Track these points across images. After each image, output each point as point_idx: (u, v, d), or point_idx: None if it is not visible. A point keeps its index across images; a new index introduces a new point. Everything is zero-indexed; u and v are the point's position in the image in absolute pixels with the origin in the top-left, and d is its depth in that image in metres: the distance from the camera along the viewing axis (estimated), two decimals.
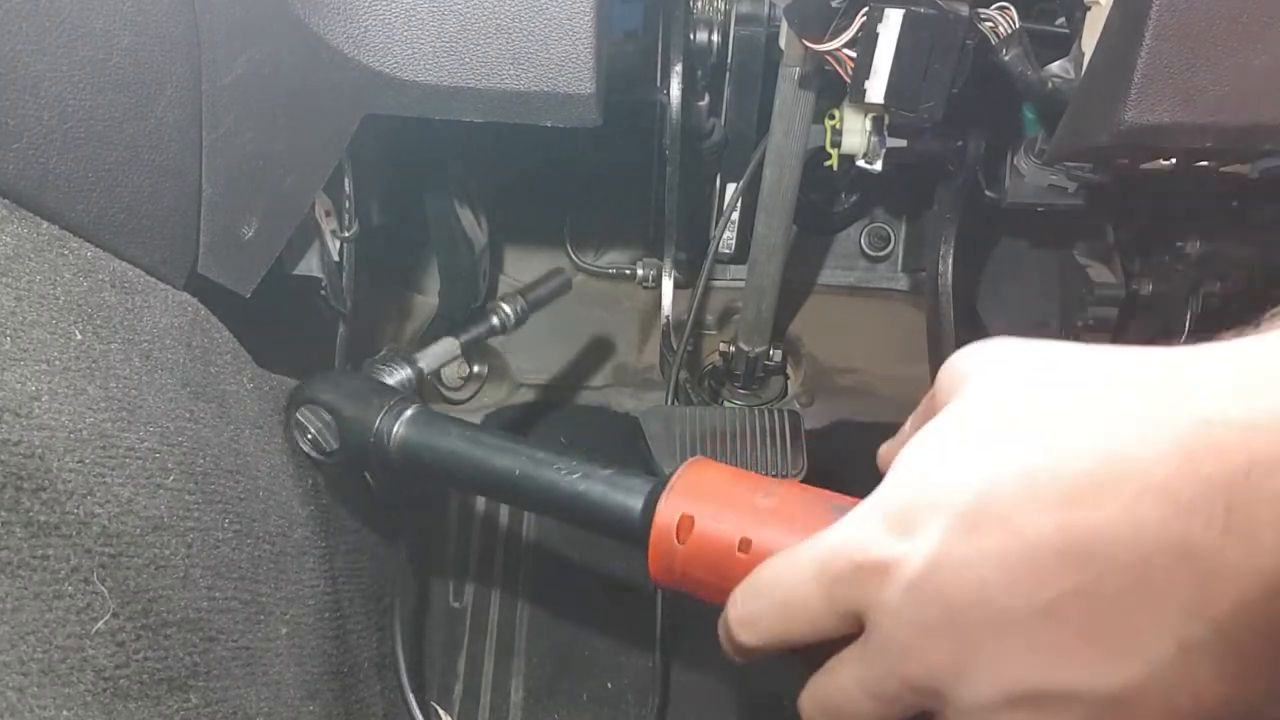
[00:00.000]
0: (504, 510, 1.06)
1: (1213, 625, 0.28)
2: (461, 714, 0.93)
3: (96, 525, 0.46)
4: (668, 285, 1.09)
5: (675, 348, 1.03)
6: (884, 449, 0.43)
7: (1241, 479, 0.28)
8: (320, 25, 0.63)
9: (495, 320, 0.88)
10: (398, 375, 0.73)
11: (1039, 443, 0.32)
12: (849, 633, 0.36)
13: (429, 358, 0.79)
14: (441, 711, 0.89)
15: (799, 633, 0.37)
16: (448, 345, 0.82)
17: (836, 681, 0.36)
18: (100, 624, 0.45)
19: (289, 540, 0.64)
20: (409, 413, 0.62)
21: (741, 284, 1.09)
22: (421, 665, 0.93)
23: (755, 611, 0.39)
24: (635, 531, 0.51)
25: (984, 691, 0.32)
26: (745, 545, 0.44)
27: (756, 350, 1.07)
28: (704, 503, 0.47)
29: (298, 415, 0.65)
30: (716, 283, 1.20)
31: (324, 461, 0.67)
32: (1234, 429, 0.28)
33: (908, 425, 0.41)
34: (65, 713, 0.42)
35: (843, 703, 0.36)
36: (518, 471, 0.56)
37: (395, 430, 0.61)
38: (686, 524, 0.46)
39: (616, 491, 0.52)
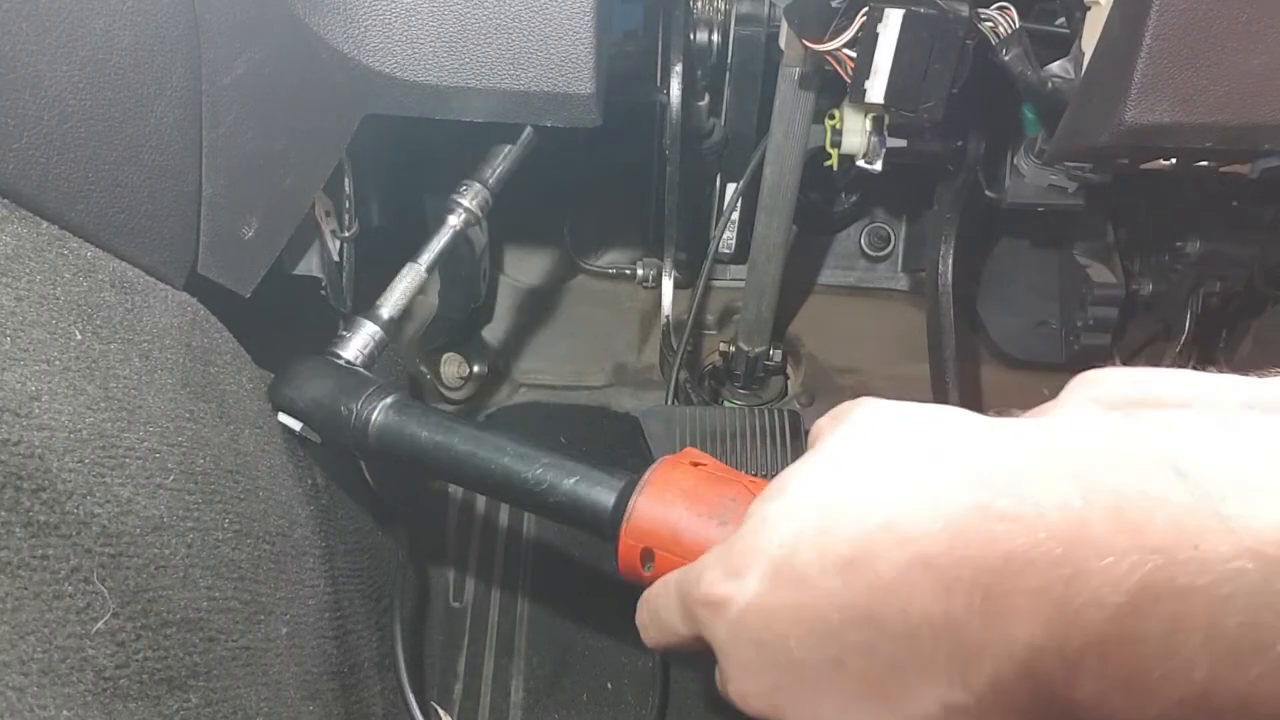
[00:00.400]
0: (504, 510, 1.06)
1: (973, 694, 0.31)
2: (461, 714, 0.93)
3: (96, 525, 0.46)
4: (668, 285, 1.09)
5: (675, 348, 1.03)
6: None
7: (999, 569, 0.29)
8: (320, 25, 0.63)
9: (453, 219, 0.77)
10: (358, 343, 0.70)
11: (842, 503, 0.34)
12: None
13: (392, 301, 0.73)
14: (441, 711, 0.89)
15: (674, 645, 0.43)
16: (411, 275, 0.74)
17: (716, 677, 0.41)
18: (100, 624, 0.45)
19: (289, 540, 0.64)
20: (381, 404, 0.62)
21: (741, 284, 1.09)
22: (421, 665, 0.93)
23: (643, 622, 0.45)
24: (606, 532, 0.52)
25: None
26: None
27: (756, 350, 1.07)
28: (662, 533, 0.48)
29: (278, 419, 0.66)
30: (716, 283, 1.20)
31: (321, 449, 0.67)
32: (1001, 520, 0.30)
33: None
34: (65, 712, 0.42)
35: (722, 694, 0.41)
36: (492, 465, 0.56)
37: (371, 426, 0.61)
38: (648, 554, 0.49)
39: (589, 486, 0.53)
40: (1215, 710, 0.27)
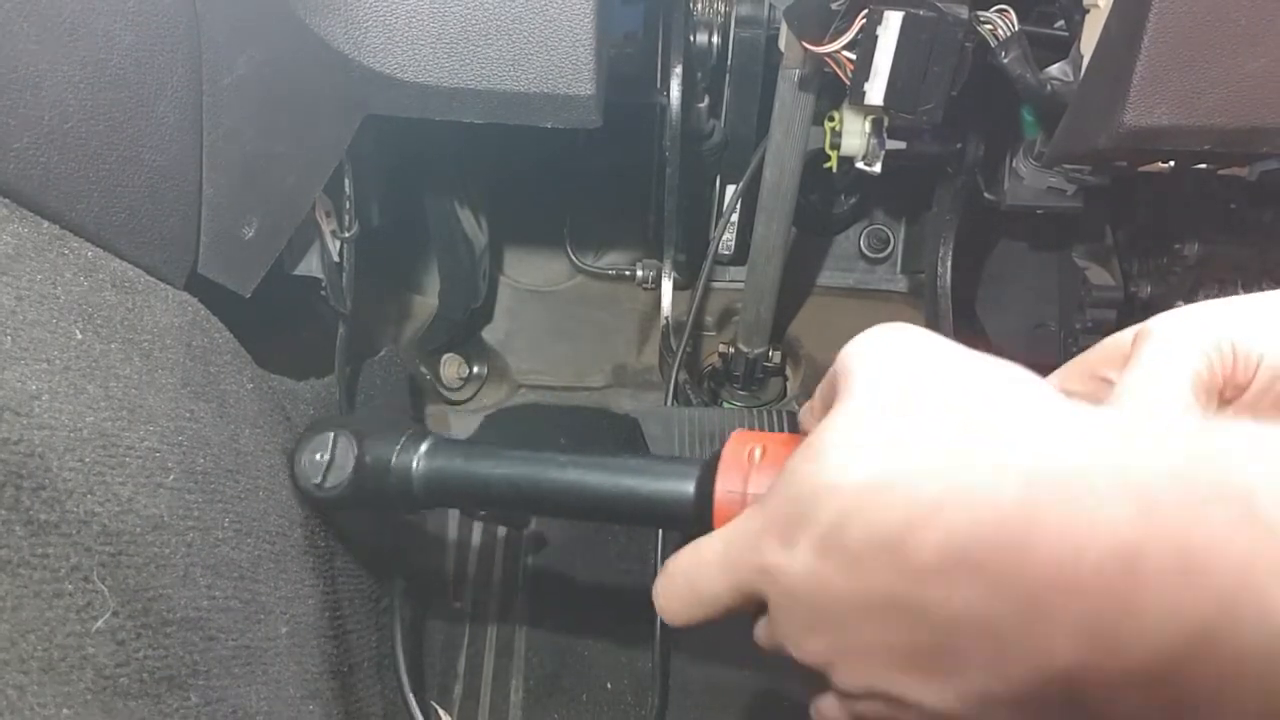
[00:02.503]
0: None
1: (1009, 687, 0.30)
2: (461, 714, 0.93)
3: (96, 524, 0.46)
4: (667, 286, 1.09)
5: (675, 349, 1.03)
6: (801, 413, 0.47)
7: (1045, 583, 0.29)
8: (321, 26, 0.63)
9: None
10: None
11: (888, 476, 0.33)
12: (757, 607, 0.40)
13: None
14: (441, 711, 0.89)
15: (709, 614, 0.42)
16: None
17: (759, 634, 0.42)
18: (100, 622, 0.45)
19: (289, 539, 0.64)
20: (428, 443, 0.60)
21: (741, 285, 1.09)
22: (421, 665, 0.93)
23: (671, 594, 0.44)
24: (689, 512, 0.50)
25: (848, 682, 0.36)
26: None
27: (756, 351, 1.07)
28: (763, 470, 0.46)
29: (313, 438, 0.62)
30: (716, 284, 1.20)
31: (321, 496, 0.63)
32: (1049, 531, 0.29)
33: (815, 396, 0.44)
34: (65, 711, 0.42)
35: (764, 648, 0.42)
36: (555, 475, 0.54)
37: (416, 461, 0.58)
38: (754, 451, 0.46)
39: (662, 480, 0.51)
40: None
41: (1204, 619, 0.26)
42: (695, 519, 0.49)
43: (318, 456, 0.61)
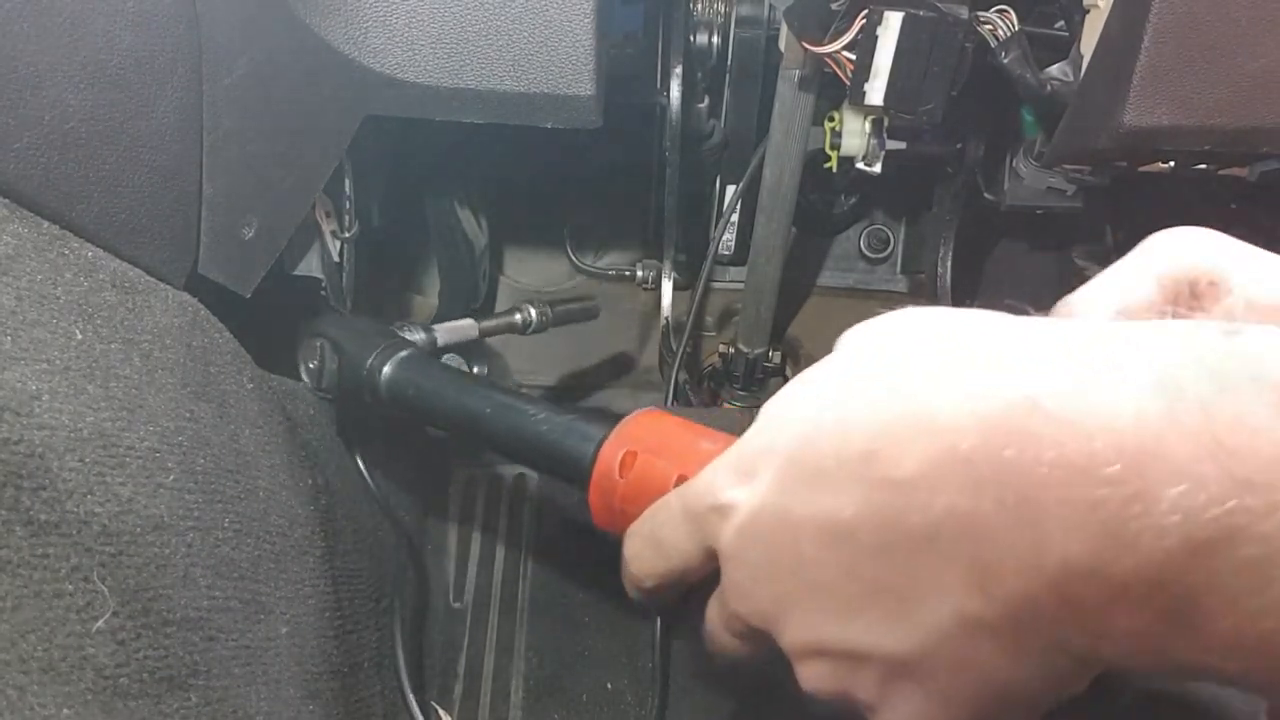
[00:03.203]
0: (505, 509, 1.06)
1: (992, 606, 0.27)
2: (461, 714, 0.93)
3: (97, 524, 0.46)
4: (667, 287, 1.09)
5: (675, 349, 1.03)
6: None
7: (1043, 474, 0.26)
8: (321, 26, 0.63)
9: (517, 317, 0.90)
10: (412, 335, 0.77)
11: (864, 395, 0.30)
12: (716, 568, 0.37)
13: (445, 331, 0.82)
14: (441, 711, 0.89)
15: (672, 566, 0.39)
16: (466, 325, 0.84)
17: (709, 614, 0.38)
18: (100, 623, 0.45)
19: (289, 539, 0.64)
20: (402, 354, 0.66)
21: (741, 285, 1.09)
22: (421, 665, 0.93)
23: (635, 552, 0.41)
24: (584, 473, 0.51)
25: (797, 639, 0.32)
26: (681, 481, 0.43)
27: (756, 352, 1.07)
28: (648, 443, 0.47)
29: (307, 344, 0.70)
30: (716, 284, 1.20)
31: (322, 396, 0.71)
32: (1050, 420, 0.26)
33: None
34: (66, 711, 0.42)
35: (713, 635, 0.38)
36: (487, 411, 0.58)
37: (385, 369, 0.65)
38: (629, 460, 0.47)
39: (572, 436, 0.53)
40: (1272, 661, 0.24)
41: (1230, 509, 0.23)
42: (586, 476, 0.50)
43: (312, 364, 0.70)
